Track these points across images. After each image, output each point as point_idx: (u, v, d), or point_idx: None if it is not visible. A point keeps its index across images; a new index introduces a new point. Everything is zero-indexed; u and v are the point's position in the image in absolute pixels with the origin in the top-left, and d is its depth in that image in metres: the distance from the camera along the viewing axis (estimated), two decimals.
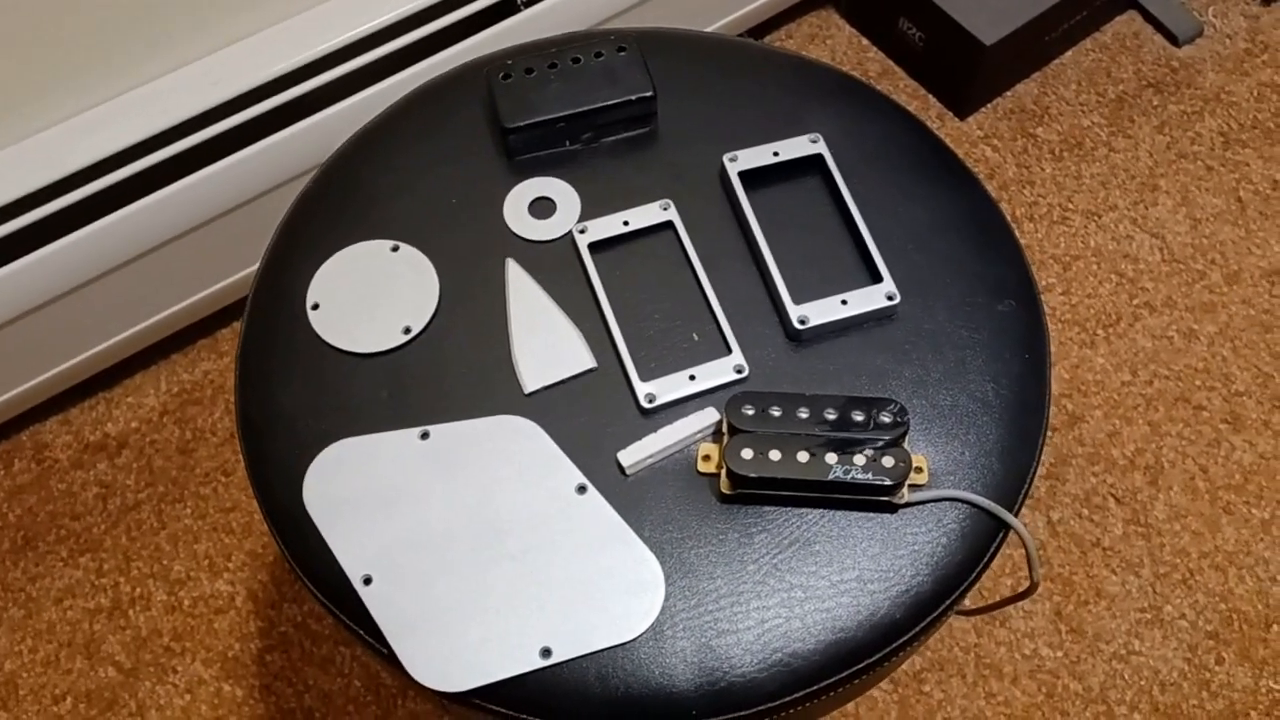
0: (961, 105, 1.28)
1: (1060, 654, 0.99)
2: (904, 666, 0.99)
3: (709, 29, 1.22)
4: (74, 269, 0.94)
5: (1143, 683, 0.97)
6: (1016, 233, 1.21)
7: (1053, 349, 1.14)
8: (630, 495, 0.57)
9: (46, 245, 0.91)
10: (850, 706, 0.97)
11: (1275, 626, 0.99)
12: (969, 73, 1.23)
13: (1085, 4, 1.27)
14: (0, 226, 0.89)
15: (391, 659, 0.53)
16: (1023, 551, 1.04)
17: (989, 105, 1.29)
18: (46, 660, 0.99)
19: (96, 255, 0.94)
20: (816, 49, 1.34)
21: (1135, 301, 1.17)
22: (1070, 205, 1.23)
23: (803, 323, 0.60)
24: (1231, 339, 1.14)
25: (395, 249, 0.64)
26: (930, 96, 1.30)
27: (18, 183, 0.90)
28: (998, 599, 1.01)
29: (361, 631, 0.55)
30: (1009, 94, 1.30)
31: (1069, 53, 1.33)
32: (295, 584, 1.03)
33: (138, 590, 1.02)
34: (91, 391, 1.12)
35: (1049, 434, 1.09)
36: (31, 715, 0.97)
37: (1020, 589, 1.02)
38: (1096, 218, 1.22)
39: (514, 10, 1.01)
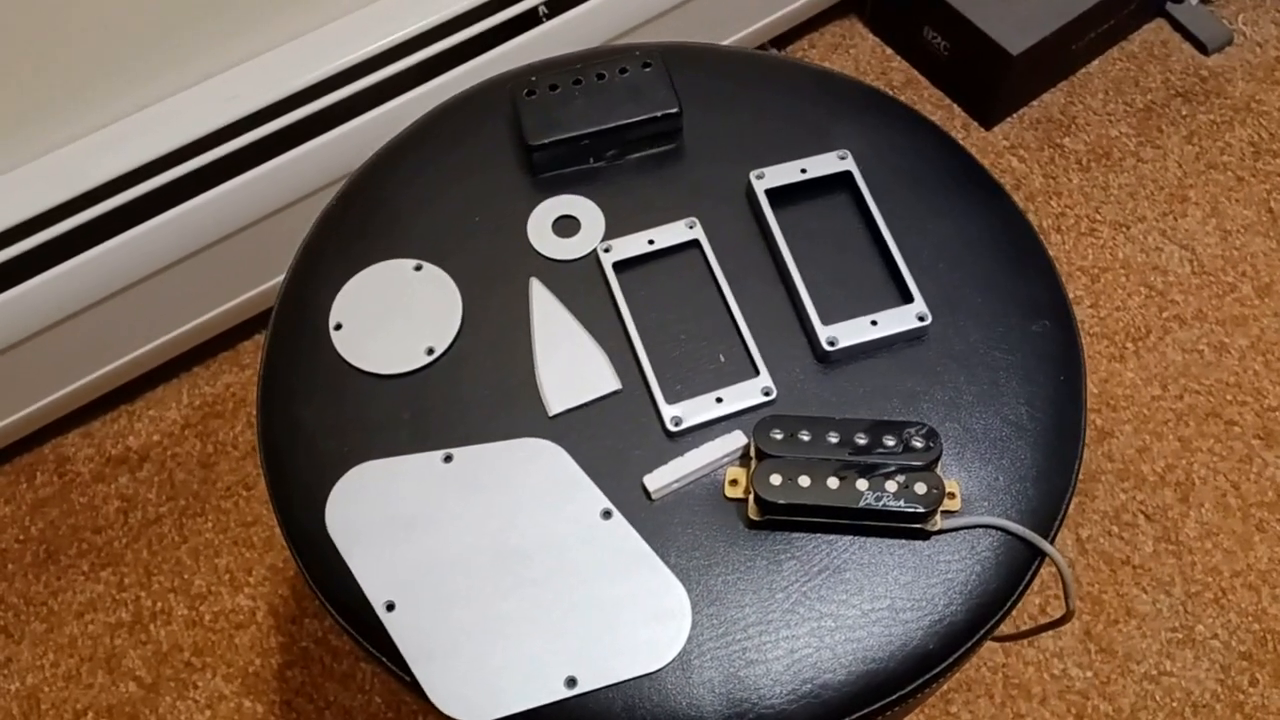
0: (987, 115, 1.26)
1: (1090, 674, 0.97)
2: None
3: (733, 39, 1.21)
4: (95, 284, 0.94)
5: (1174, 704, 0.96)
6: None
7: None
8: (656, 520, 0.56)
9: (68, 260, 0.91)
10: None
11: None
12: (995, 82, 1.22)
13: (1113, 12, 1.26)
14: (22, 242, 0.89)
15: (414, 686, 0.53)
16: (1054, 569, 1.02)
17: (1015, 115, 1.28)
18: (68, 675, 0.99)
19: (118, 270, 0.94)
20: (840, 58, 1.33)
21: (1165, 314, 1.15)
22: (1098, 216, 1.21)
23: (832, 344, 0.59)
24: (1264, 353, 1.12)
25: (418, 268, 0.64)
26: (955, 106, 1.28)
27: (39, 198, 0.90)
28: (1029, 620, 1.00)
29: (384, 659, 0.54)
30: (1035, 103, 1.29)
31: (1096, 62, 1.32)
32: (316, 600, 1.02)
33: (159, 605, 1.02)
34: (113, 404, 1.12)
35: None
36: None
37: (1050, 609, 1.00)
38: (1125, 229, 1.20)
39: (536, 22, 1.01)
